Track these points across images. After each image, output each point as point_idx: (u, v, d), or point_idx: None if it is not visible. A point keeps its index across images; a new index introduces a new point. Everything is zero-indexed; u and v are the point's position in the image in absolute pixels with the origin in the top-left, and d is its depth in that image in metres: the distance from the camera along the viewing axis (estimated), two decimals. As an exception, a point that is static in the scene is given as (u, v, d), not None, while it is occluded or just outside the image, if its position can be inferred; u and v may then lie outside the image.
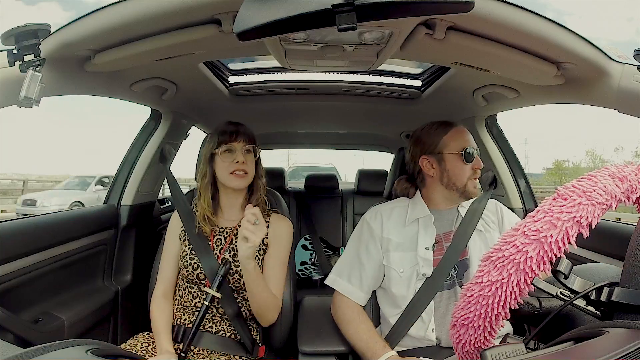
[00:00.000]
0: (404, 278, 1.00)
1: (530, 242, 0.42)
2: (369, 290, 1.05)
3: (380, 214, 1.09)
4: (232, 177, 1.07)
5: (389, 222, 1.07)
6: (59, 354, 0.39)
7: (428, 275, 0.98)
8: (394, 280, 1.01)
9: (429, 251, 1.01)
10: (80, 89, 0.99)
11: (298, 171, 8.81)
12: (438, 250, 1.02)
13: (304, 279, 2.16)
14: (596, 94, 0.88)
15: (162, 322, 1.05)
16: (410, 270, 1.00)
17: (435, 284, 0.97)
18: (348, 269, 1.06)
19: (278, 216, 1.16)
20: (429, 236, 1.03)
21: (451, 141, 1.04)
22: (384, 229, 1.06)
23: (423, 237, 1.03)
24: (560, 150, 58.45)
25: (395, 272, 1.01)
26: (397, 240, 1.04)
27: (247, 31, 0.46)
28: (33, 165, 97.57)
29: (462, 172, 1.03)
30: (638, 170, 0.47)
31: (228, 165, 1.06)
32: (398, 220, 1.07)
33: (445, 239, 1.03)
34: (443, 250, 1.01)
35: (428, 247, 1.01)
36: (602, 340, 0.38)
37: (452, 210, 1.07)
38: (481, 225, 1.04)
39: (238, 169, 1.06)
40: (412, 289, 0.99)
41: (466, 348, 0.52)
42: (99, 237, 1.38)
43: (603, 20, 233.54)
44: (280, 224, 1.14)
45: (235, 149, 1.07)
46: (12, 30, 0.68)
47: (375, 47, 0.84)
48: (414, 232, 1.04)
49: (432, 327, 0.97)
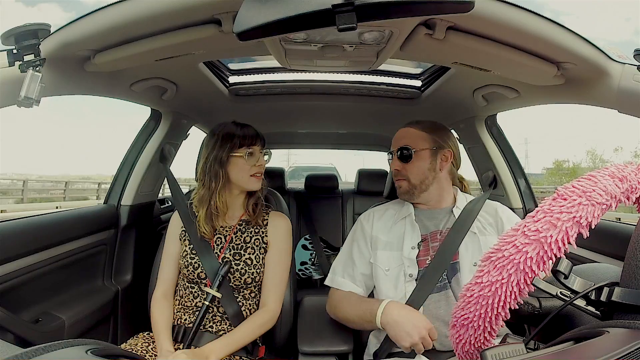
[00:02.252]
0: (390, 277, 1.01)
1: (530, 242, 0.42)
2: (364, 286, 1.05)
3: (373, 214, 1.12)
4: (252, 179, 1.09)
5: (380, 221, 1.09)
6: (59, 354, 0.39)
7: (414, 276, 0.98)
8: (381, 278, 1.02)
9: (414, 250, 1.01)
10: (80, 89, 0.99)
11: (298, 171, 8.80)
12: (424, 250, 1.01)
13: (304, 279, 2.16)
14: (596, 94, 0.88)
15: (162, 323, 1.05)
16: (396, 269, 1.00)
17: (427, 287, 0.96)
18: (341, 266, 1.08)
19: (276, 213, 1.17)
20: (415, 235, 1.03)
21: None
22: (374, 227, 1.08)
23: (409, 236, 1.03)
24: (560, 150, 58.45)
25: (381, 270, 1.02)
26: (386, 239, 1.05)
27: (247, 31, 0.46)
28: (33, 165, 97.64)
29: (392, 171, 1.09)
30: (638, 170, 0.47)
31: (250, 168, 1.08)
32: (388, 220, 1.09)
33: (432, 238, 1.03)
34: (429, 249, 1.01)
35: (414, 247, 1.01)
36: (602, 340, 0.38)
37: (443, 210, 1.07)
38: (476, 227, 1.02)
39: (259, 172, 1.09)
40: (400, 290, 0.98)
41: (466, 348, 0.52)
42: (99, 237, 1.38)
43: (601, 20, 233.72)
44: (279, 221, 1.15)
45: (256, 152, 1.09)
46: (12, 30, 0.68)
47: (375, 47, 0.84)
48: (402, 231, 1.05)
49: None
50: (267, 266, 1.10)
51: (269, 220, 1.14)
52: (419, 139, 1.06)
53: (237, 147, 1.07)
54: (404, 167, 1.05)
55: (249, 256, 1.09)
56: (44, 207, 10.48)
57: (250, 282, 1.08)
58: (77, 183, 16.56)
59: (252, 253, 1.09)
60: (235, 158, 1.07)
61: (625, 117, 0.85)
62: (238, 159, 1.07)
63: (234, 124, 1.11)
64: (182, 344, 1.01)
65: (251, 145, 1.08)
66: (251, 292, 1.10)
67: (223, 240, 1.11)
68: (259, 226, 1.12)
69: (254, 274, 1.08)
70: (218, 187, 1.07)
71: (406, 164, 1.05)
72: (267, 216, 1.15)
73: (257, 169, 1.09)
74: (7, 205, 11.05)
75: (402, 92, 1.52)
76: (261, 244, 1.11)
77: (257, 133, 1.12)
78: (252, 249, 1.10)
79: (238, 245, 1.10)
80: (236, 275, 1.06)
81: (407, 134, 1.08)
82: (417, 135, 1.07)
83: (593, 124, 58.93)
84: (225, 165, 1.07)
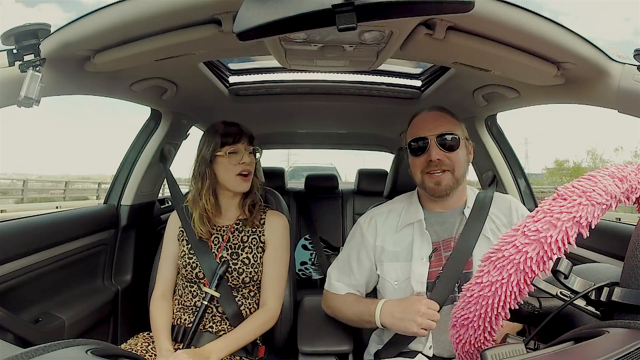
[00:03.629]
0: (399, 289, 0.94)
1: (530, 242, 0.42)
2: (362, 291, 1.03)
3: (374, 220, 1.01)
4: (238, 179, 1.07)
5: (383, 228, 0.99)
6: (59, 354, 0.39)
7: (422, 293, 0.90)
8: (389, 291, 0.96)
9: (426, 262, 0.91)
10: (80, 89, 0.99)
11: (298, 171, 8.79)
12: (436, 261, 0.92)
13: (304, 279, 2.16)
14: (596, 94, 0.88)
15: (162, 322, 1.05)
16: (405, 282, 0.93)
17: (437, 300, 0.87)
18: (337, 272, 1.05)
19: (272, 212, 1.17)
20: (425, 244, 0.93)
21: (407, 134, 0.96)
22: (378, 236, 0.99)
23: (419, 245, 0.93)
24: (561, 150, 58.45)
25: (390, 284, 0.95)
26: (392, 249, 0.96)
27: (247, 31, 0.46)
28: (33, 165, 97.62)
29: (414, 167, 0.94)
30: (638, 170, 0.47)
31: (234, 167, 1.06)
32: (392, 225, 0.99)
33: (445, 247, 0.93)
34: (441, 260, 0.91)
35: (424, 258, 0.92)
36: (602, 340, 0.38)
37: (454, 212, 0.96)
38: (489, 230, 0.92)
39: (244, 170, 1.06)
40: None
41: (466, 348, 0.52)
42: (99, 237, 1.38)
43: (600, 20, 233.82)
44: (275, 219, 1.15)
45: (240, 150, 1.07)
46: (12, 30, 0.68)
47: (375, 47, 0.84)
48: (410, 240, 0.95)
49: (430, 344, 0.91)
50: (266, 265, 1.10)
51: (266, 219, 1.14)
52: (456, 126, 0.94)
53: (220, 146, 1.06)
54: (447, 157, 0.90)
55: (247, 255, 1.09)
56: (44, 207, 10.48)
57: (249, 281, 1.07)
58: (77, 183, 16.56)
59: (249, 252, 1.09)
60: (219, 157, 1.07)
61: (625, 117, 0.84)
62: (221, 158, 1.06)
63: (221, 122, 1.11)
64: (182, 344, 1.01)
65: (234, 144, 1.07)
66: (250, 291, 1.10)
67: (220, 240, 1.11)
68: (256, 225, 1.12)
69: (252, 273, 1.08)
70: (205, 187, 1.07)
71: (451, 153, 0.91)
72: (265, 215, 1.15)
73: (242, 168, 1.06)
74: (7, 205, 11.05)
75: (402, 92, 1.52)
76: (258, 243, 1.11)
77: (242, 131, 1.09)
78: (250, 248, 1.10)
79: (235, 245, 1.10)
80: (234, 274, 1.06)
81: (443, 119, 0.94)
82: (453, 121, 0.95)
83: (593, 124, 58.91)
84: (211, 165, 1.07)
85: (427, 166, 0.92)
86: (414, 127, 0.96)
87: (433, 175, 0.91)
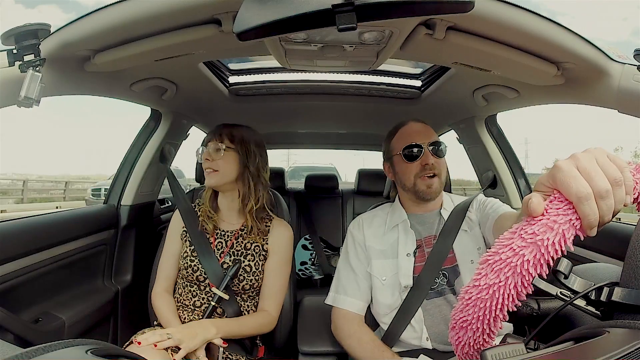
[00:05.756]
0: (387, 285, 0.99)
1: (527, 245, 0.42)
2: (367, 298, 1.02)
3: (361, 223, 1.09)
4: (206, 173, 1.09)
5: (370, 229, 1.06)
6: (59, 354, 0.39)
7: (409, 286, 0.96)
8: (378, 288, 1.00)
9: (411, 258, 0.99)
10: (80, 89, 0.99)
11: (298, 171, 8.81)
12: (420, 257, 1.00)
13: (304, 279, 2.16)
14: (596, 94, 0.88)
15: (169, 312, 1.05)
16: (392, 278, 0.98)
17: (420, 293, 0.94)
18: (344, 281, 1.04)
19: (278, 221, 1.16)
20: (409, 241, 1.01)
21: (396, 143, 1.05)
22: (366, 236, 1.05)
23: (404, 242, 1.01)
24: (561, 150, 58.52)
25: (378, 280, 1.00)
26: (379, 247, 1.03)
27: (247, 31, 0.46)
28: (33, 165, 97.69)
29: (407, 172, 1.01)
30: (637, 170, 0.47)
31: (203, 163, 1.09)
32: (379, 228, 1.06)
33: (427, 243, 1.01)
34: (425, 255, 0.99)
35: (409, 254, 0.99)
36: (602, 340, 0.38)
37: (432, 213, 1.06)
38: (466, 225, 1.00)
39: (208, 167, 1.07)
40: (396, 297, 0.97)
41: (465, 350, 0.52)
42: (99, 237, 1.38)
43: (598, 20, 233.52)
44: (281, 229, 1.14)
45: (209, 147, 1.08)
46: (12, 30, 0.68)
47: (375, 47, 0.84)
48: (395, 239, 1.02)
49: (426, 335, 0.95)
50: (267, 274, 1.10)
51: (271, 227, 1.13)
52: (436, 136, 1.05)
53: (204, 144, 1.11)
54: (437, 163, 1.00)
55: (248, 263, 1.08)
56: (44, 207, 10.50)
57: (249, 288, 1.07)
58: (77, 183, 16.58)
59: (251, 260, 1.09)
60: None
61: (625, 117, 0.85)
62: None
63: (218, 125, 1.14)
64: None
65: (209, 141, 1.09)
66: (249, 296, 1.10)
67: (224, 245, 1.11)
68: (260, 233, 1.11)
69: (252, 280, 1.07)
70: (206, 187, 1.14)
71: (440, 159, 1.01)
72: (270, 223, 1.14)
73: (206, 163, 1.07)
74: (7, 205, 11.06)
75: (402, 92, 1.52)
76: (261, 251, 1.10)
77: (221, 130, 1.09)
78: (252, 256, 1.09)
79: (238, 252, 1.09)
80: (235, 281, 1.06)
81: (428, 130, 1.05)
82: (433, 132, 1.05)
83: (593, 124, 59.02)
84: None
85: (421, 170, 1.00)
86: (406, 136, 1.04)
87: (426, 179, 1.00)
